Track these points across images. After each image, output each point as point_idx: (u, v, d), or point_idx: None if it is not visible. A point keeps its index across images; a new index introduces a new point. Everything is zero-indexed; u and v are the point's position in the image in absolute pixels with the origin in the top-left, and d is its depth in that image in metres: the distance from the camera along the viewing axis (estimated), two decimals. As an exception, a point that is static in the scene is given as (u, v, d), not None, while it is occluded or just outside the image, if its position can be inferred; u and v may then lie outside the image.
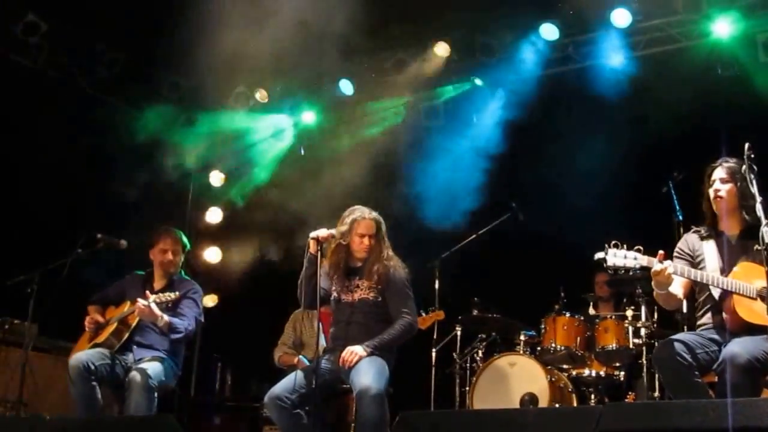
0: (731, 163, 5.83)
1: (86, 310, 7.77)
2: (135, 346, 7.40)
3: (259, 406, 9.89)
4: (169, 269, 7.73)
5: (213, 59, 9.71)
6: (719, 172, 5.88)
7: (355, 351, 6.41)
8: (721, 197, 5.84)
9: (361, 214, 6.81)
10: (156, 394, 7.05)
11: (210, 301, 11.27)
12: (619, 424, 3.74)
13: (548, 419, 4.04)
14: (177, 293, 7.32)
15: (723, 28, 9.60)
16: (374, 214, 6.85)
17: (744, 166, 5.33)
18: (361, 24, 9.29)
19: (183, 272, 7.93)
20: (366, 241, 6.75)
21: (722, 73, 9.69)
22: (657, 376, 8.36)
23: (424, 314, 8.84)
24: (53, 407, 8.57)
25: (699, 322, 5.82)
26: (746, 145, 5.30)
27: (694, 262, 5.83)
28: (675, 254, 5.95)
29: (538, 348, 9.03)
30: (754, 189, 5.23)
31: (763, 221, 5.11)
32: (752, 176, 5.27)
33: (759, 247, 4.94)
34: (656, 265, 5.43)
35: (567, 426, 3.87)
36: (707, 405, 3.55)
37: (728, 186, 5.81)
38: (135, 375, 7.00)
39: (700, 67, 9.74)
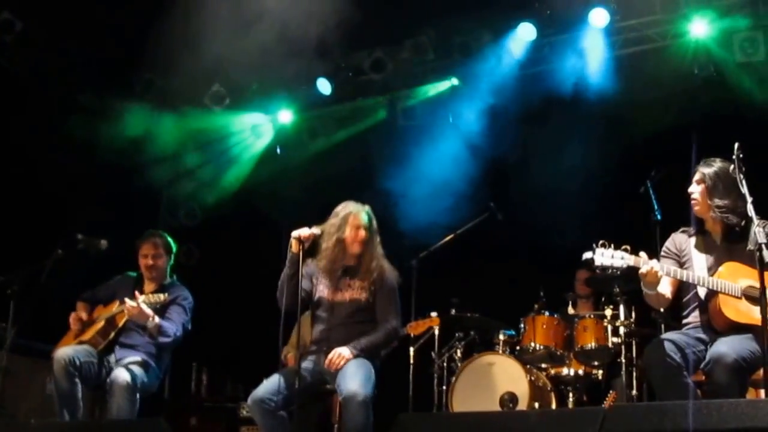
0: (706, 164, 5.89)
1: (72, 307, 7.72)
2: (117, 346, 7.33)
3: (236, 406, 9.87)
4: (152, 274, 7.68)
5: (188, 58, 9.68)
6: (695, 175, 5.93)
7: (341, 354, 6.37)
8: (694, 200, 5.90)
9: (355, 206, 6.80)
10: (138, 396, 6.99)
11: None
12: (622, 425, 3.75)
13: (551, 421, 4.04)
14: (167, 295, 7.25)
15: (700, 28, 9.67)
16: (367, 207, 6.85)
17: (732, 166, 5.36)
18: (339, 23, 9.27)
19: (175, 277, 7.89)
20: (362, 233, 6.70)
21: (699, 73, 9.75)
22: (635, 374, 8.43)
23: (420, 319, 8.84)
24: (30, 411, 8.49)
25: (685, 321, 5.86)
26: (736, 145, 5.32)
27: (681, 262, 5.88)
28: (662, 253, 6.00)
29: (518, 347, 9.03)
30: (744, 189, 5.26)
31: (755, 221, 5.14)
32: (741, 176, 5.29)
33: (751, 248, 4.95)
34: (643, 266, 5.47)
35: (570, 428, 3.87)
36: (710, 406, 3.56)
37: (699, 188, 5.86)
38: (117, 377, 6.92)
39: (677, 67, 9.79)
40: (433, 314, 9.01)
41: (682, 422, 3.64)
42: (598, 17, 9.82)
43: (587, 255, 5.49)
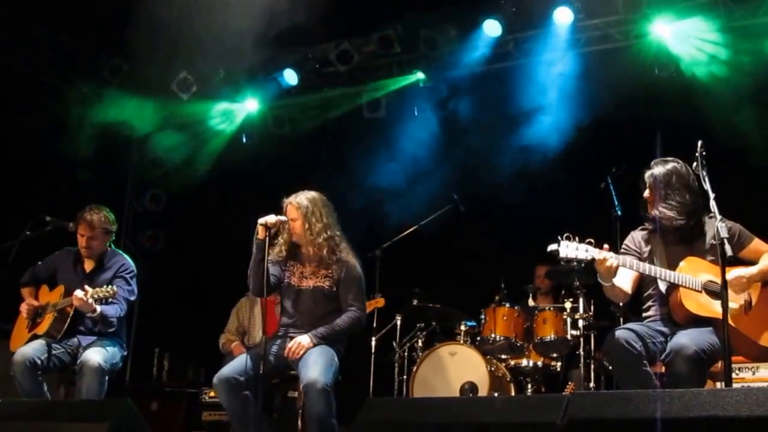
0: (655, 167, 5.97)
1: (19, 292, 7.69)
2: (80, 334, 7.33)
3: (197, 392, 9.92)
4: (88, 253, 7.57)
5: (157, 45, 9.71)
6: (646, 179, 6.01)
7: (300, 342, 6.45)
8: (649, 203, 6.01)
9: (287, 200, 6.83)
10: (107, 378, 7.03)
11: None
12: (585, 412, 3.84)
13: (516, 407, 4.13)
14: (114, 288, 7.19)
15: (661, 28, 9.85)
16: (294, 197, 6.83)
17: (695, 163, 5.51)
18: (306, 14, 9.33)
19: (112, 246, 7.78)
20: (293, 224, 6.75)
21: (659, 72, 9.92)
22: (593, 366, 8.61)
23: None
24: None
25: (645, 314, 5.96)
26: (699, 143, 5.47)
27: (641, 258, 5.95)
28: (622, 250, 6.07)
29: (478, 338, 9.16)
30: (707, 185, 5.40)
31: (718, 216, 5.28)
32: (704, 173, 5.44)
33: (714, 242, 5.10)
34: (601, 253, 5.51)
35: (535, 414, 3.97)
36: (672, 394, 3.69)
37: (647, 191, 5.98)
38: (87, 362, 6.92)
39: (638, 66, 9.95)
40: (378, 295, 9.13)
41: (646, 410, 3.75)
42: (563, 15, 9.98)
43: (552, 247, 5.50)
